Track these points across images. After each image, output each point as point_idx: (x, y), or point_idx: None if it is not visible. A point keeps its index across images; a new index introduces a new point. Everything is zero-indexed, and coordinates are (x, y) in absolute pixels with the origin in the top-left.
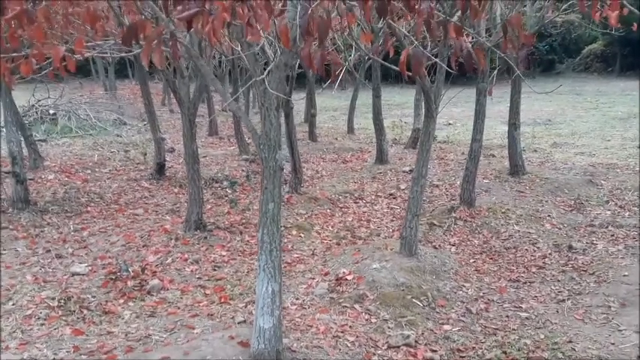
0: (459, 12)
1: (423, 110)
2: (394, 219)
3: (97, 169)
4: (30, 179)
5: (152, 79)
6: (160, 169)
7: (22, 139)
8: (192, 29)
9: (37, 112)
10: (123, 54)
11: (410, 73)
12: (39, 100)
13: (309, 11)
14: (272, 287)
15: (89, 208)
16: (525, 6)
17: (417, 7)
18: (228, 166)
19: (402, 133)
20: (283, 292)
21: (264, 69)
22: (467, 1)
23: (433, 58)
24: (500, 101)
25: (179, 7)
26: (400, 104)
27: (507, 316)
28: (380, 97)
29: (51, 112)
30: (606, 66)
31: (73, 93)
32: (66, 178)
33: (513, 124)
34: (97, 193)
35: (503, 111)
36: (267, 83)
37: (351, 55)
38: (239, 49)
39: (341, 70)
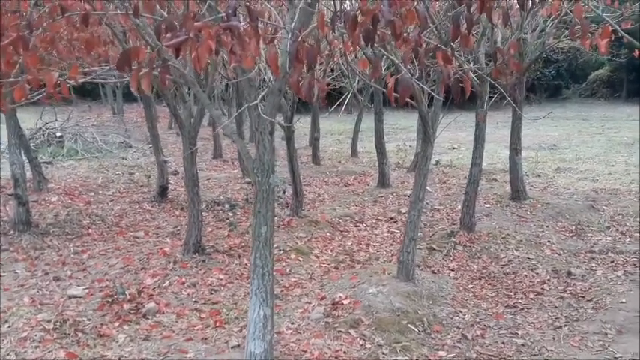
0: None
1: None
2: (394, 243)
3: (100, 192)
4: (33, 201)
5: (161, 103)
6: (163, 191)
7: (26, 161)
8: (180, 56)
9: (44, 135)
10: (118, 79)
11: (397, 94)
12: (46, 123)
13: (299, 39)
14: (264, 311)
15: (90, 231)
16: (526, 33)
17: (404, 35)
18: (231, 189)
19: (406, 157)
20: (279, 317)
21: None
22: (457, 29)
23: (421, 85)
24: (505, 126)
25: (168, 35)
26: (405, 128)
27: (503, 343)
28: (382, 122)
29: (58, 134)
30: (613, 92)
31: (82, 116)
32: (69, 201)
33: (514, 149)
34: (99, 216)
35: (508, 136)
36: (260, 108)
37: (355, 81)
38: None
39: (347, 95)
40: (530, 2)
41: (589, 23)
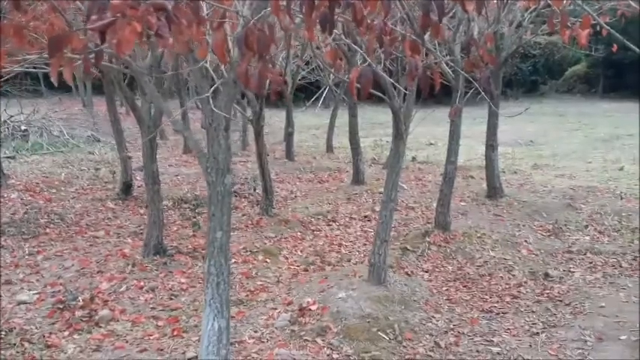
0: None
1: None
2: (367, 243)
3: (62, 188)
4: None
5: (134, 95)
6: (127, 188)
7: None
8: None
9: (8, 129)
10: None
11: (359, 85)
12: (11, 116)
13: (250, 24)
14: (218, 324)
15: (48, 230)
16: (504, 26)
17: (369, 22)
18: (200, 185)
19: (383, 152)
20: (242, 324)
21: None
22: (426, 16)
23: (387, 77)
24: (482, 122)
25: (93, 17)
26: (383, 123)
27: (478, 351)
28: (356, 117)
29: (22, 128)
30: (589, 87)
31: (51, 109)
32: (29, 198)
33: (491, 145)
34: (58, 214)
35: (485, 131)
36: (211, 102)
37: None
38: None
39: (324, 89)
40: None
41: (568, 14)
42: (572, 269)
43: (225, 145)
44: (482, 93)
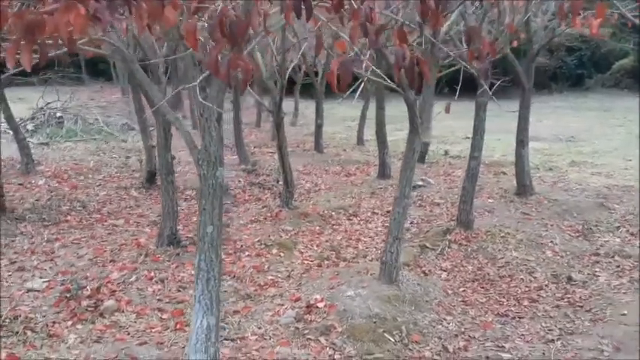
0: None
1: (430, 123)
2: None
3: (90, 176)
4: (19, 184)
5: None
6: (151, 177)
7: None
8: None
9: (44, 115)
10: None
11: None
12: (48, 103)
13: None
14: (207, 321)
15: (69, 217)
16: (536, 16)
17: (355, 7)
18: (225, 176)
19: None
20: (246, 320)
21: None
22: (424, 4)
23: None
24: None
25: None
26: None
27: (487, 357)
28: (383, 109)
29: (58, 115)
30: (637, 82)
31: (93, 96)
32: (56, 184)
33: (521, 141)
34: (81, 201)
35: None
36: (198, 91)
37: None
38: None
39: (361, 81)
40: None
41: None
42: (597, 273)
43: (217, 137)
44: (485, 86)
